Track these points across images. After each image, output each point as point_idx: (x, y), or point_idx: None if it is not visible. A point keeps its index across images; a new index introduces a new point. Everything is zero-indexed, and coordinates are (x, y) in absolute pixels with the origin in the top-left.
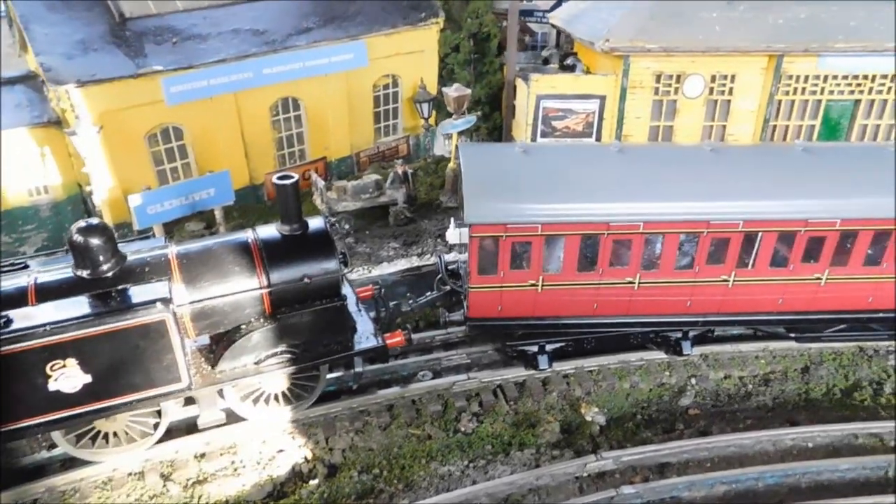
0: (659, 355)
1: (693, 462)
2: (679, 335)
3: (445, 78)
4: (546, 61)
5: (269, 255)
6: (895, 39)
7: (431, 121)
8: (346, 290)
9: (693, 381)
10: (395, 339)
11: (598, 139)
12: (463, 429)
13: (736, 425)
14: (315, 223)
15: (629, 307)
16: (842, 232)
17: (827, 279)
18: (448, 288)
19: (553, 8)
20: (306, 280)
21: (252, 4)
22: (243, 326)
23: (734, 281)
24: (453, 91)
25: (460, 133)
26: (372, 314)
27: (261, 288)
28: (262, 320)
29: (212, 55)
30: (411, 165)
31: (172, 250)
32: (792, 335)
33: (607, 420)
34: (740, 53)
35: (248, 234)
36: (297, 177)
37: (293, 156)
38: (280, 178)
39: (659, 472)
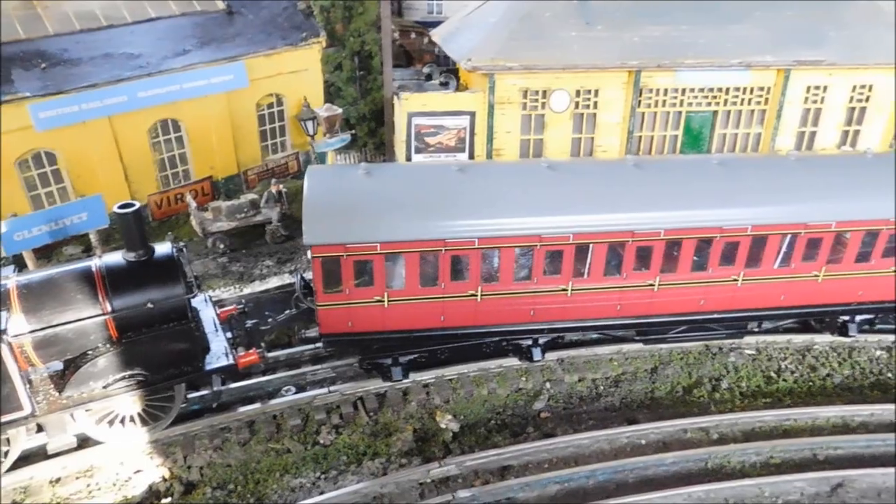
0: (517, 362)
1: (533, 463)
2: (529, 342)
3: (333, 95)
4: (429, 77)
5: (113, 282)
6: (741, 56)
7: (318, 138)
8: (207, 310)
9: (548, 385)
10: (249, 357)
11: (471, 154)
12: (322, 441)
13: (580, 426)
14: (161, 249)
15: (475, 318)
16: (667, 241)
17: (659, 285)
18: (305, 306)
19: None
20: (150, 305)
21: (127, 28)
22: (90, 352)
23: (572, 290)
24: (324, 111)
25: (341, 150)
26: (228, 334)
27: (104, 314)
28: (108, 345)
29: (83, 80)
30: (299, 183)
31: (13, 281)
32: (638, 338)
33: (462, 426)
34: (599, 70)
35: (92, 262)
36: (137, 205)
37: (177, 176)
38: (121, 206)
39: (500, 474)
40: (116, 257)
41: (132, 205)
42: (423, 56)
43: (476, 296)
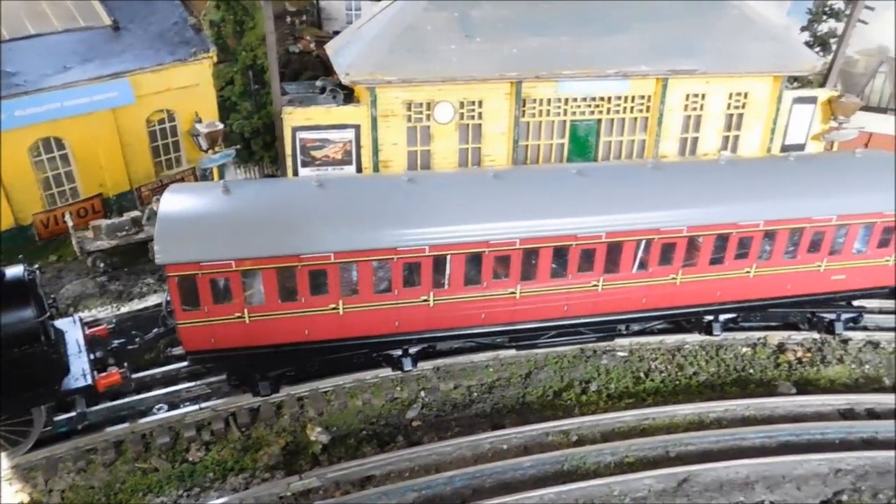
0: (393, 372)
1: (395, 472)
2: (399, 353)
3: (229, 109)
4: (323, 90)
5: None
6: (618, 66)
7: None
8: (74, 331)
9: (423, 393)
10: (110, 378)
11: (359, 167)
12: (191, 458)
13: (447, 433)
14: (12, 272)
15: (339, 331)
16: (524, 250)
17: (521, 293)
18: (172, 324)
19: None
20: None
21: (5, 45)
22: None
23: (434, 301)
24: (204, 127)
25: (238, 164)
26: (92, 355)
27: None
28: None
29: None
30: None
31: None
32: (510, 344)
33: (333, 438)
34: (479, 81)
35: None
36: None
37: (64, 194)
38: None
39: (361, 485)
40: None
41: None
42: None
43: (338, 309)
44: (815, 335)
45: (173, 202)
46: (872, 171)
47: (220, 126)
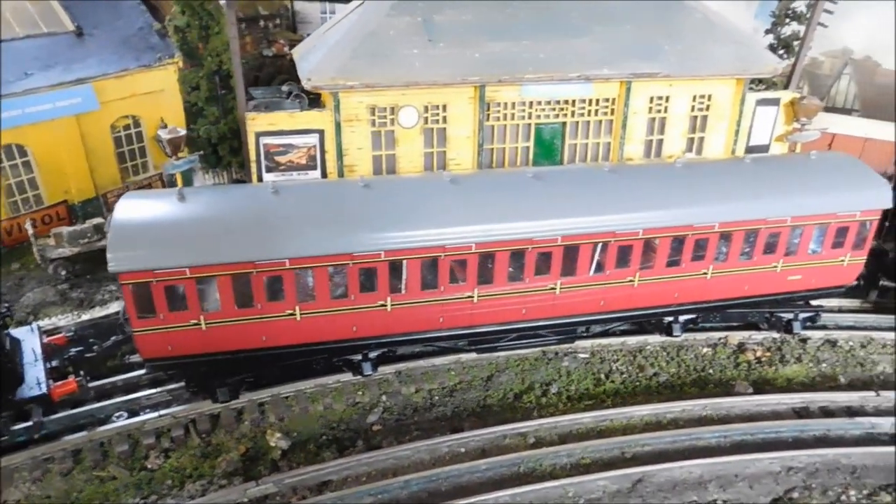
0: (355, 377)
1: (352, 477)
2: (359, 357)
3: (196, 114)
4: (289, 94)
5: None
6: (580, 70)
7: (183, 156)
8: (31, 340)
9: (384, 398)
10: (66, 387)
11: (324, 172)
12: (149, 466)
13: (406, 437)
14: None
15: (297, 337)
16: (481, 254)
17: (478, 297)
18: (129, 331)
19: None
20: None
21: None
22: None
23: (392, 305)
24: (166, 133)
25: (206, 168)
26: (48, 364)
27: None
28: None
29: None
30: None
31: None
32: (470, 348)
33: (293, 443)
34: (442, 86)
35: None
36: None
37: (27, 202)
38: None
39: (319, 490)
40: None
41: None
42: None
43: (294, 315)
44: (775, 335)
45: (128, 210)
46: (827, 173)
47: (183, 132)
